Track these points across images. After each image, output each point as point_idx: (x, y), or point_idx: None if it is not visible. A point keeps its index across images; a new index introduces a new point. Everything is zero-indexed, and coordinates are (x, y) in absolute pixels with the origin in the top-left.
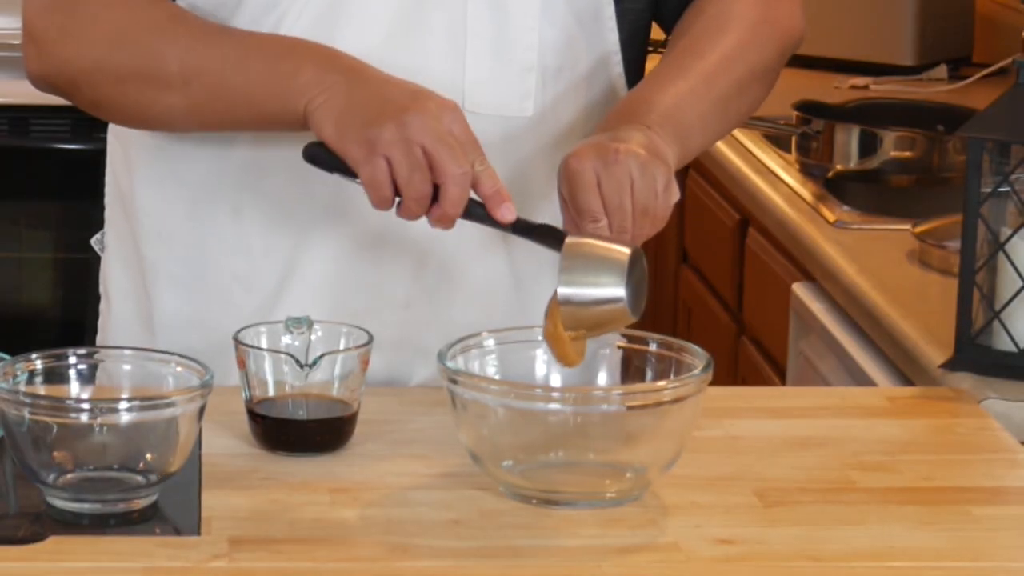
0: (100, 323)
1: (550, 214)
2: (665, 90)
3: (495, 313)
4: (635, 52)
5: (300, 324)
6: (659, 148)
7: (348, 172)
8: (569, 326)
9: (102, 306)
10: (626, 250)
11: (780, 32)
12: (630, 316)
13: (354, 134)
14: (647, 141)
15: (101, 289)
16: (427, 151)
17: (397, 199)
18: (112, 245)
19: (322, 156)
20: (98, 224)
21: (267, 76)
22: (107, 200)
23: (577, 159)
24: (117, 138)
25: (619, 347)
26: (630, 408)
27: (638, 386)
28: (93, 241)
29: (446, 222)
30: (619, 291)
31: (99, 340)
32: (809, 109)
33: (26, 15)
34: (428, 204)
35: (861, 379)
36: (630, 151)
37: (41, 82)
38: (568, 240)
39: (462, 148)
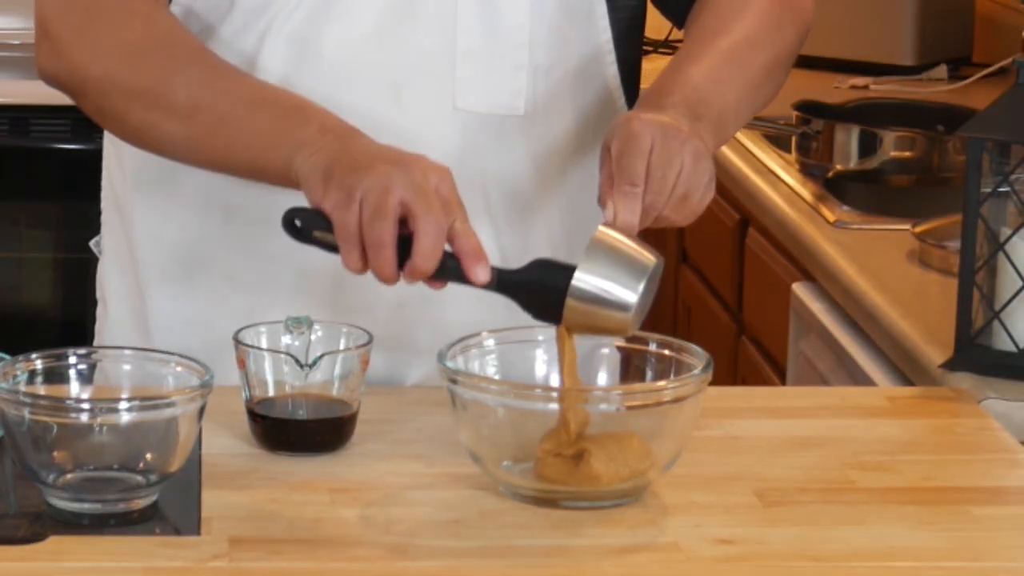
0: (97, 327)
1: (541, 215)
2: (698, 66)
3: (488, 312)
4: (629, 50)
5: (300, 324)
6: (706, 143)
7: (323, 243)
8: (569, 320)
9: (99, 310)
10: (652, 257)
11: (798, 14)
12: (628, 327)
13: (336, 181)
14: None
15: (98, 293)
16: (404, 202)
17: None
18: (108, 249)
19: (303, 220)
20: (98, 224)
21: (272, 124)
22: (103, 204)
23: (641, 123)
24: (112, 142)
25: (619, 347)
26: (630, 408)
27: (638, 386)
28: (92, 243)
29: (418, 277)
30: (631, 297)
31: (96, 343)
32: (809, 109)
33: (41, 11)
34: (391, 255)
35: (861, 379)
36: (692, 137)
37: (51, 80)
38: (600, 231)
39: (443, 204)
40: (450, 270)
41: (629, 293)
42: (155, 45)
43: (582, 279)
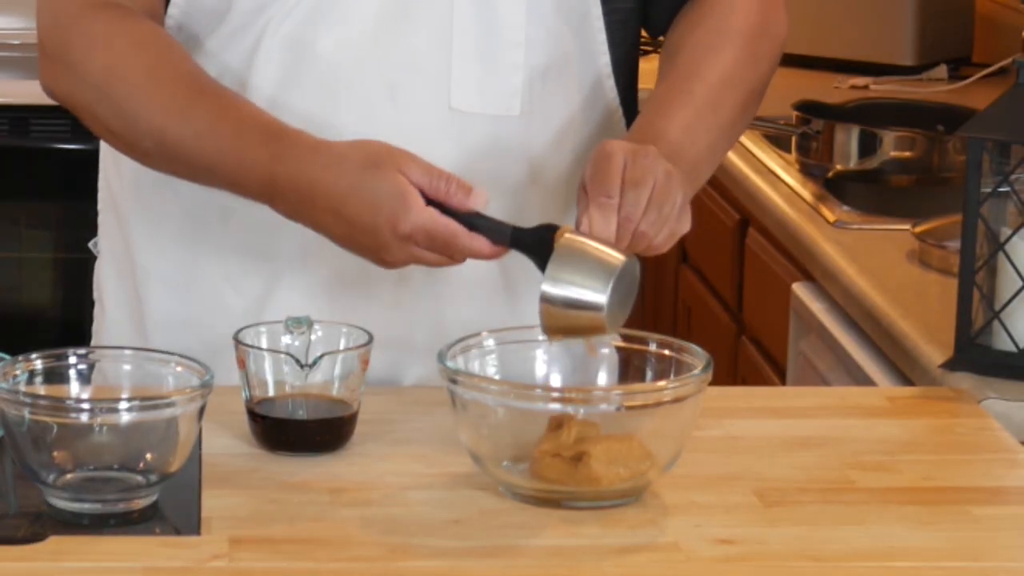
0: (94, 328)
1: (536, 214)
2: (672, 120)
3: (485, 310)
4: (623, 52)
5: (300, 324)
6: (687, 192)
7: None
8: (547, 325)
9: (96, 311)
10: (620, 257)
11: (775, 44)
12: (606, 327)
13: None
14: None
15: (95, 295)
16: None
17: None
18: (105, 251)
19: None
20: (97, 225)
21: (231, 162)
22: (99, 206)
23: (612, 144)
24: (108, 145)
25: (619, 347)
26: (630, 408)
27: (638, 386)
28: (91, 244)
29: None
30: (600, 298)
31: (93, 345)
32: (809, 109)
33: (38, 28)
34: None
35: (861, 379)
36: (661, 158)
37: (51, 97)
38: (566, 236)
39: (433, 251)
40: (480, 228)
41: (598, 293)
42: (116, 80)
43: (550, 284)
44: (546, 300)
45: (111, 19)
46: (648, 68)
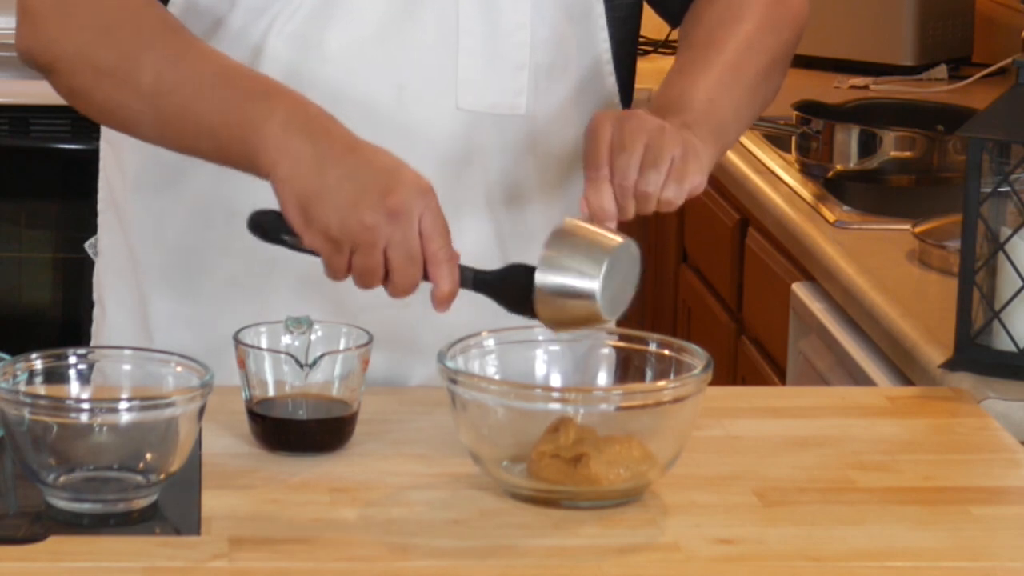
0: (94, 330)
1: (542, 213)
2: (696, 85)
3: (493, 313)
4: (625, 49)
5: (300, 324)
6: (694, 143)
7: (290, 246)
8: (544, 316)
9: (96, 312)
10: (616, 239)
11: (793, 13)
12: (601, 314)
13: (318, 221)
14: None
15: (95, 296)
16: (388, 259)
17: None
18: (106, 251)
19: (268, 225)
20: (97, 225)
21: (235, 114)
22: (100, 207)
23: (596, 117)
24: (110, 143)
25: (619, 347)
26: (630, 408)
27: (638, 386)
28: (87, 246)
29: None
30: (593, 284)
31: (93, 346)
32: (809, 109)
33: None
34: (376, 288)
35: (861, 379)
36: (650, 116)
37: (27, 57)
38: (565, 221)
39: (427, 259)
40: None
41: (591, 280)
42: (126, 21)
43: (542, 275)
44: (540, 291)
45: None
46: (650, 68)
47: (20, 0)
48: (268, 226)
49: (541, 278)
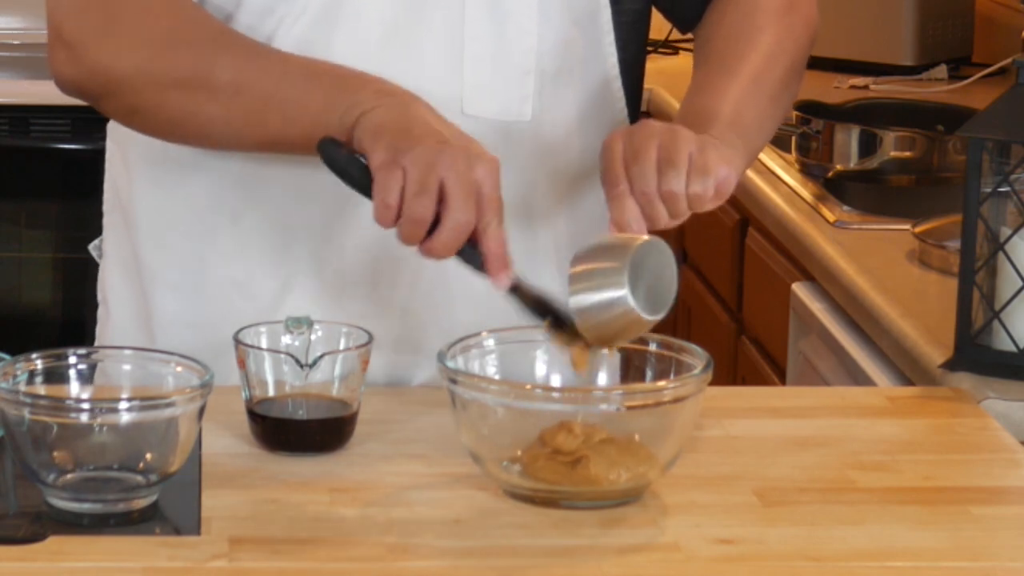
0: (98, 330)
1: (547, 218)
2: (720, 99)
3: (496, 314)
4: (632, 54)
5: (300, 324)
6: (711, 139)
7: (353, 179)
8: (595, 340)
9: (100, 312)
10: (635, 239)
11: (805, 19)
12: (641, 316)
13: (387, 139)
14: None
15: (100, 296)
16: (444, 185)
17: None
18: (111, 252)
19: (336, 154)
20: (98, 225)
21: (328, 93)
22: (105, 207)
23: (608, 138)
24: (117, 144)
25: (619, 347)
26: (630, 408)
27: (638, 386)
28: (91, 247)
29: (433, 256)
30: (620, 291)
31: (97, 345)
32: (809, 109)
33: (55, 17)
34: (424, 233)
35: (861, 379)
36: (658, 124)
37: (71, 87)
38: (580, 248)
39: (481, 201)
40: (474, 260)
41: (618, 292)
42: (187, 33)
43: (575, 302)
44: (580, 318)
45: None
46: (650, 68)
47: (54, 31)
48: (340, 154)
49: (576, 306)
